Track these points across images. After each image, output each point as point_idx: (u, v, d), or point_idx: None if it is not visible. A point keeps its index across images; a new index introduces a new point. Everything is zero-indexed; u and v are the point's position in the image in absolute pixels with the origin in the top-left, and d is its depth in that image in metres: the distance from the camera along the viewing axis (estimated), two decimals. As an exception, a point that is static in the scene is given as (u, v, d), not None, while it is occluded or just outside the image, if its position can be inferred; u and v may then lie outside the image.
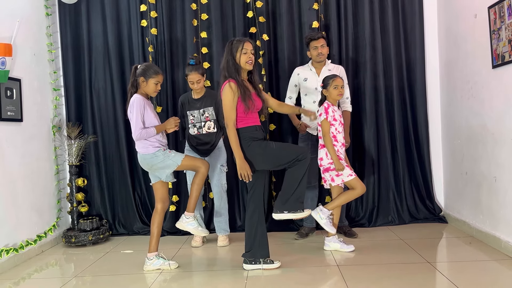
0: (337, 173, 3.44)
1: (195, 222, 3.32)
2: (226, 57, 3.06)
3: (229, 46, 3.07)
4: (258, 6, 4.28)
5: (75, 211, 4.30)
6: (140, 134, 3.14)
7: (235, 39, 3.10)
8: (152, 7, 4.32)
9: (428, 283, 2.80)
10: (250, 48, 3.06)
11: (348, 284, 2.78)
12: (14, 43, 3.68)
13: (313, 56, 3.85)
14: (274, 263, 3.15)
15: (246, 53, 3.03)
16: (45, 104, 4.24)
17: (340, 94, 3.48)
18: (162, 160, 3.19)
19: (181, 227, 3.34)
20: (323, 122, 3.44)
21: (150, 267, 3.27)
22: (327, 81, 3.50)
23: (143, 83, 3.21)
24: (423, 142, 4.35)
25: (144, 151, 3.21)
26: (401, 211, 4.31)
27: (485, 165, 3.50)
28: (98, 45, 4.44)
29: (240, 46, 3.03)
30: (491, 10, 3.28)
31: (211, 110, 3.81)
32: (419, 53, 4.34)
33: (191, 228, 3.32)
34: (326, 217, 3.44)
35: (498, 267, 3.00)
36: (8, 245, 3.53)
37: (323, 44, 3.81)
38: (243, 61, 3.03)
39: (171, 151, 3.25)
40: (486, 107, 3.46)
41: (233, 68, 3.03)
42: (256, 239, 3.11)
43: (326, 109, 3.44)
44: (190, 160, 3.28)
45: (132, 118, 3.15)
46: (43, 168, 4.11)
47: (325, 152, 3.47)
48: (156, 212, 3.31)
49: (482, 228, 3.57)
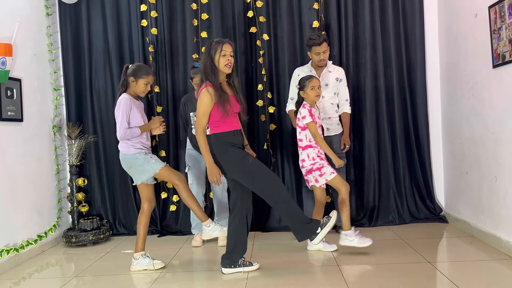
0: (320, 173, 3.40)
1: (218, 226, 3.24)
2: (205, 58, 2.95)
3: (207, 47, 2.95)
4: (258, 5, 4.28)
5: (76, 211, 4.30)
6: (124, 134, 3.14)
7: (214, 40, 2.98)
8: (152, 7, 4.32)
9: (428, 283, 2.79)
10: (230, 50, 2.93)
11: (349, 284, 2.78)
12: (15, 43, 3.68)
13: (314, 61, 3.82)
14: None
15: (225, 56, 2.91)
16: (45, 104, 4.24)
17: (317, 95, 3.42)
18: (142, 164, 3.19)
19: (208, 237, 3.23)
20: (310, 124, 3.38)
21: (136, 267, 3.26)
22: (303, 82, 3.43)
23: (133, 83, 3.22)
24: (423, 142, 4.34)
25: (125, 151, 3.21)
26: (402, 210, 4.31)
27: (486, 165, 3.49)
28: (98, 45, 4.44)
29: (219, 48, 2.90)
30: (492, 9, 3.27)
31: None
32: (420, 53, 4.34)
33: (217, 233, 3.22)
34: (354, 236, 3.36)
35: (498, 267, 3.00)
36: (8, 245, 3.53)
37: (325, 50, 3.75)
38: (221, 64, 2.91)
39: (152, 157, 3.23)
40: (486, 107, 3.46)
41: (210, 70, 2.92)
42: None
43: (310, 111, 3.38)
44: (168, 172, 3.23)
45: (118, 117, 3.15)
46: (43, 168, 4.12)
47: (306, 154, 3.43)
48: (143, 212, 3.30)
49: (482, 228, 3.57)
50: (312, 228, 3.01)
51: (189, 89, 4.32)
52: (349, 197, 3.39)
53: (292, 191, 4.31)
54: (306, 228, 3.01)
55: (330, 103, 3.83)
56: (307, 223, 3.00)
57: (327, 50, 3.79)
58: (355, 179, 4.34)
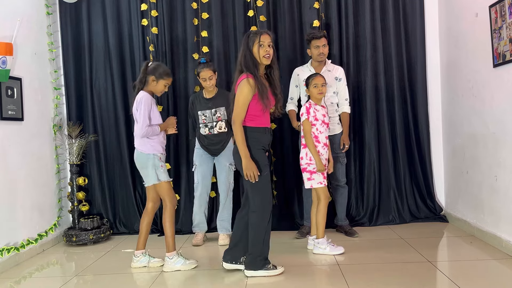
0: (310, 177, 3.41)
1: (181, 258, 3.23)
2: (243, 50, 2.89)
3: (245, 39, 2.90)
4: (259, 5, 4.27)
5: (76, 210, 4.30)
6: (146, 131, 3.14)
7: (251, 32, 2.93)
8: (152, 6, 4.32)
9: (429, 283, 2.79)
10: (268, 40, 2.87)
11: (349, 284, 2.78)
12: (15, 42, 3.68)
13: (313, 55, 3.84)
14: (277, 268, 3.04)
15: (263, 46, 2.86)
16: (46, 103, 4.24)
17: (320, 93, 3.42)
18: (152, 167, 3.19)
19: (170, 269, 3.20)
20: (304, 122, 3.40)
21: (137, 264, 3.31)
22: (308, 80, 3.46)
23: (153, 82, 3.21)
24: (424, 141, 4.34)
25: (142, 149, 3.21)
26: (402, 210, 4.31)
27: (486, 164, 3.49)
28: (98, 44, 4.44)
29: (257, 39, 2.85)
30: (492, 9, 3.27)
31: (223, 110, 3.80)
32: (420, 52, 4.33)
33: (179, 266, 3.20)
34: (326, 244, 3.41)
35: (499, 266, 3.00)
36: (9, 244, 3.53)
37: (325, 44, 3.80)
38: (260, 54, 2.86)
39: (163, 166, 3.23)
40: (487, 106, 3.45)
41: (251, 62, 2.86)
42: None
43: (308, 109, 3.41)
44: (167, 188, 3.22)
45: (140, 115, 3.13)
46: (44, 167, 4.12)
47: (305, 153, 3.44)
48: (146, 211, 3.33)
49: (483, 227, 3.57)
50: (260, 264, 2.95)
51: (190, 88, 4.32)
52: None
53: (292, 190, 4.31)
54: (258, 262, 2.94)
55: (330, 102, 3.83)
56: (262, 259, 2.95)
57: (326, 45, 3.82)
58: (355, 178, 4.33)
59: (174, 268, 3.21)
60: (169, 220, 3.23)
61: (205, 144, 3.86)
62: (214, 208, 4.29)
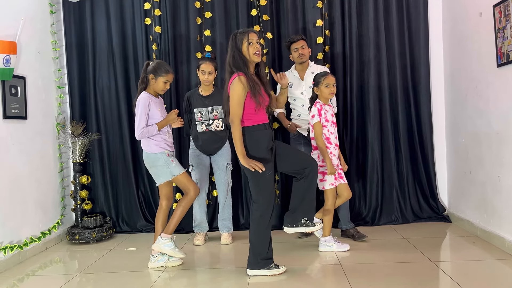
0: (322, 178, 3.40)
1: (171, 243, 3.23)
2: (232, 51, 2.89)
3: (233, 39, 2.90)
4: (262, 4, 4.27)
5: (79, 209, 4.31)
6: (141, 133, 3.15)
7: (238, 31, 2.92)
8: (156, 5, 4.33)
9: (431, 283, 2.79)
10: (256, 38, 2.88)
11: (351, 283, 2.78)
12: (19, 41, 3.69)
13: (294, 58, 3.85)
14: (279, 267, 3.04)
15: (252, 44, 2.87)
16: (49, 101, 4.25)
17: (332, 93, 3.41)
18: (162, 165, 3.19)
19: (158, 249, 3.23)
20: (316, 125, 3.37)
21: (155, 264, 3.28)
22: (318, 79, 3.42)
23: (152, 81, 3.22)
24: (427, 141, 4.33)
25: (148, 150, 3.22)
26: (405, 210, 4.30)
27: (489, 164, 3.48)
28: (102, 43, 4.45)
29: (245, 37, 2.86)
30: (496, 8, 3.26)
31: (219, 109, 3.79)
32: (424, 52, 4.32)
33: (168, 250, 3.22)
34: (333, 242, 3.43)
35: (502, 267, 2.99)
36: (12, 242, 3.54)
37: (303, 45, 3.80)
38: (251, 53, 2.86)
39: (173, 160, 3.23)
40: (490, 106, 3.44)
41: (241, 61, 2.86)
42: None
43: (319, 111, 3.38)
44: (185, 179, 3.22)
45: (136, 116, 3.17)
46: (47, 166, 4.13)
47: (317, 155, 3.43)
48: (161, 209, 3.33)
49: (486, 228, 3.56)
50: (263, 263, 2.96)
51: (193, 87, 4.32)
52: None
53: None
54: (259, 261, 2.96)
55: None
56: (263, 258, 2.96)
57: (306, 47, 3.81)
58: (358, 178, 4.33)
59: (162, 249, 3.22)
60: (185, 205, 3.22)
61: (200, 144, 3.85)
62: (215, 207, 4.29)
